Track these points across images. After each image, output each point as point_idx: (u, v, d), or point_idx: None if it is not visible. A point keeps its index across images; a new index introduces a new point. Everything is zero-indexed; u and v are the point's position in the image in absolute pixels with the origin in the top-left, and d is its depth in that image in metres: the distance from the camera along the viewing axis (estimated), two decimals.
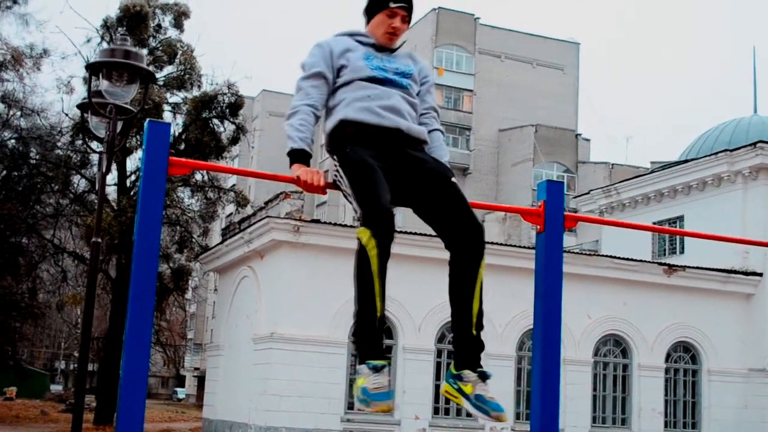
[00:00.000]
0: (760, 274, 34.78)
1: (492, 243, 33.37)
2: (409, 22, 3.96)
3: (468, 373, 3.82)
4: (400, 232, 26.38)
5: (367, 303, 3.67)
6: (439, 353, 30.66)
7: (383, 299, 3.72)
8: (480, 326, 4.03)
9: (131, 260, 3.36)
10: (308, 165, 3.80)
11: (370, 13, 3.94)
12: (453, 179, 3.96)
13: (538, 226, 3.70)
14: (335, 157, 3.90)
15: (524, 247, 31.93)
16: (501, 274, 30.17)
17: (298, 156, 3.74)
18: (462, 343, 3.96)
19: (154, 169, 3.27)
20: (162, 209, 3.38)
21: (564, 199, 3.72)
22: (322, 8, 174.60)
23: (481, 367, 3.85)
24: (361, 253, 3.67)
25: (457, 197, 3.87)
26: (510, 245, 33.49)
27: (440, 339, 30.63)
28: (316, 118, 3.87)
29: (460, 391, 3.88)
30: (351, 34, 3.96)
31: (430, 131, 4.09)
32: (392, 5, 3.82)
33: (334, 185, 3.86)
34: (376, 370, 3.61)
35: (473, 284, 3.92)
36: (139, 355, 3.26)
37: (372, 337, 3.70)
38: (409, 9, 3.92)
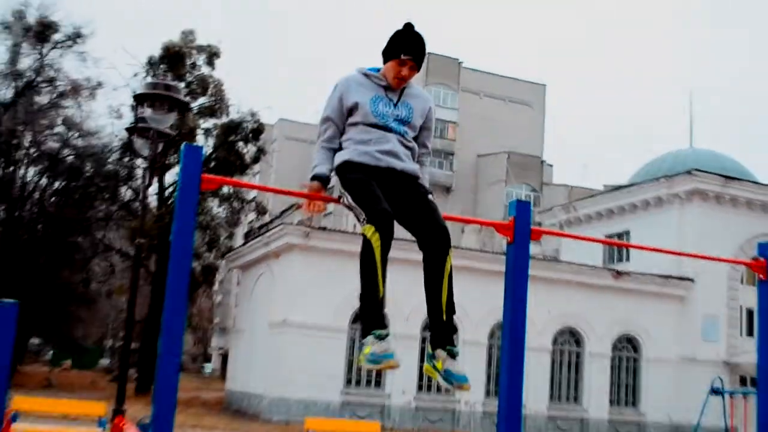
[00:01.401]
0: (692, 280, 35.04)
1: (470, 249, 33.51)
2: (418, 69, 3.86)
3: (440, 352, 3.86)
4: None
5: (372, 285, 3.71)
6: (423, 340, 30.64)
7: (384, 283, 3.75)
8: (450, 312, 3.95)
9: (169, 258, 3.36)
10: (324, 184, 3.87)
11: (385, 57, 3.85)
12: (429, 196, 4.00)
13: (509, 238, 3.70)
14: (339, 179, 3.93)
15: (496, 253, 31.96)
16: (476, 275, 30.25)
17: (316, 178, 3.86)
18: (435, 327, 3.94)
19: (188, 184, 3.27)
20: (195, 217, 3.38)
21: (531, 215, 3.73)
22: (334, 47, 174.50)
23: (453, 345, 3.89)
24: (367, 245, 3.69)
25: (428, 208, 3.91)
26: (485, 251, 33.60)
27: (425, 327, 30.63)
28: (333, 151, 3.91)
29: (434, 367, 3.93)
30: (367, 75, 3.88)
31: (421, 167, 4.08)
32: (403, 56, 3.75)
33: (339, 201, 3.87)
34: (381, 338, 3.65)
35: (442, 277, 3.87)
36: (175, 336, 3.26)
37: (376, 312, 3.74)
38: (418, 59, 3.82)
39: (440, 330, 3.92)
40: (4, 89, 40.00)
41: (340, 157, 3.90)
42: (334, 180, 4.02)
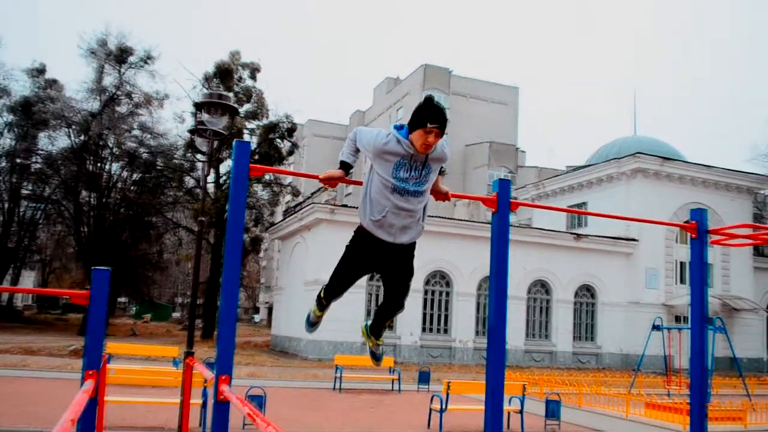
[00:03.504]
0: (637, 240, 34.98)
1: (461, 220, 33.41)
2: (442, 134, 3.50)
3: (374, 339, 4.28)
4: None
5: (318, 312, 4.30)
6: (425, 292, 30.72)
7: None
8: (387, 326, 4.27)
9: (225, 231, 3.37)
10: (346, 170, 3.69)
11: (411, 127, 3.47)
12: (409, 282, 3.85)
13: (493, 209, 3.69)
14: (355, 231, 3.85)
15: (482, 222, 31.88)
16: (466, 240, 30.29)
17: (342, 164, 3.68)
18: (377, 325, 4.19)
19: (240, 172, 3.28)
20: (245, 199, 3.38)
21: (510, 191, 3.72)
22: (347, 64, 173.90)
23: (380, 338, 4.31)
24: (318, 303, 4.20)
25: (404, 277, 3.82)
26: (473, 221, 33.48)
27: (426, 282, 30.68)
28: (357, 150, 3.68)
29: (369, 340, 4.35)
30: (400, 141, 3.50)
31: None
32: (429, 125, 3.41)
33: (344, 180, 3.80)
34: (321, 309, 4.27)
35: (392, 314, 4.04)
36: (231, 293, 3.28)
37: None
38: (442, 127, 3.45)
39: (379, 328, 4.23)
40: (92, 102, 40.16)
41: (362, 217, 3.71)
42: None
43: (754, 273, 37.96)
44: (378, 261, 3.75)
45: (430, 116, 3.41)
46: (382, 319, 4.14)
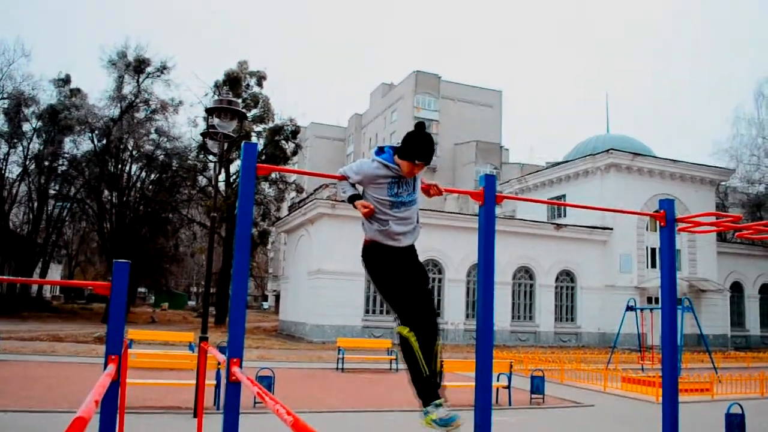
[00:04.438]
0: (611, 229, 34.98)
1: (451, 212, 33.44)
2: (427, 165, 3.45)
3: (430, 408, 3.33)
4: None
5: (415, 369, 3.37)
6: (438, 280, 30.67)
7: (428, 362, 3.37)
8: (439, 377, 3.45)
9: (235, 226, 3.35)
10: (359, 198, 3.54)
11: (401, 154, 3.42)
12: (428, 285, 3.67)
13: (480, 202, 3.67)
14: (365, 260, 3.62)
15: (470, 215, 31.86)
16: (456, 231, 30.27)
17: (354, 198, 3.53)
18: (430, 372, 3.41)
19: (248, 171, 3.25)
20: (253, 195, 3.36)
21: (495, 185, 3.70)
22: (346, 71, 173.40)
23: (438, 398, 3.35)
24: (404, 341, 3.38)
25: (426, 291, 3.58)
26: (462, 213, 33.50)
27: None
28: (354, 186, 3.55)
29: (431, 420, 3.29)
30: (387, 166, 3.44)
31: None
32: (416, 162, 3.38)
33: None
34: (438, 406, 3.29)
35: (433, 349, 3.41)
36: (241, 282, 3.26)
37: (427, 388, 3.36)
38: (428, 161, 3.42)
39: (430, 389, 3.39)
40: (113, 109, 40.12)
41: (368, 234, 3.58)
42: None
43: (718, 257, 38.04)
44: (396, 264, 3.57)
45: (418, 154, 3.39)
46: (428, 357, 3.39)
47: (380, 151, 3.55)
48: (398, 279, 3.53)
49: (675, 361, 4.35)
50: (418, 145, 3.41)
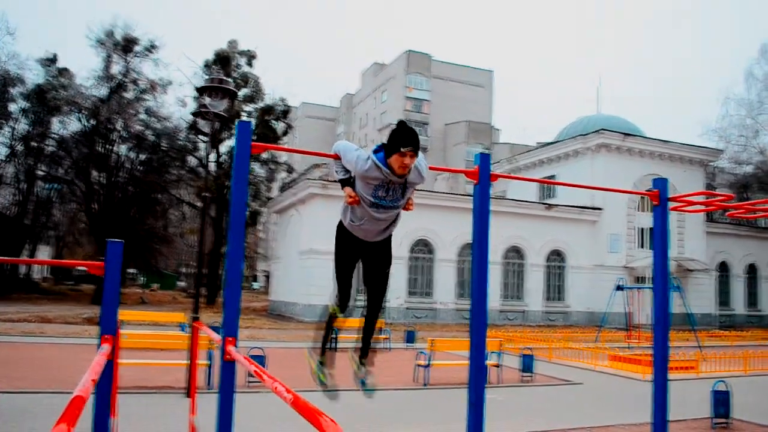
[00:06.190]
0: (601, 209, 35.16)
1: (441, 192, 33.44)
2: (417, 154, 3.37)
3: (357, 361, 4.18)
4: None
5: (324, 336, 4.22)
6: (410, 259, 30.80)
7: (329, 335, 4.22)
8: (369, 340, 4.23)
9: (226, 207, 3.32)
10: (349, 184, 3.58)
11: (388, 152, 3.37)
12: (388, 270, 3.97)
13: (475, 181, 3.67)
14: (338, 226, 3.85)
15: (462, 195, 31.91)
16: (446, 211, 30.35)
17: (345, 183, 3.60)
18: (364, 342, 4.27)
19: (242, 149, 3.23)
20: (248, 173, 3.34)
21: (490, 164, 3.70)
22: (338, 51, 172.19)
23: (365, 360, 4.14)
24: (326, 314, 4.12)
25: (382, 279, 4.01)
26: (452, 193, 33.54)
27: (411, 250, 30.75)
28: (347, 171, 3.58)
29: (357, 369, 4.18)
30: (379, 167, 3.40)
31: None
32: (403, 149, 3.31)
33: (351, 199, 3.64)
34: (321, 363, 4.30)
35: (373, 323, 4.08)
36: (236, 262, 3.26)
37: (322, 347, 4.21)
38: (416, 147, 3.33)
39: (366, 345, 4.16)
40: (101, 88, 39.74)
41: (343, 217, 3.78)
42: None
43: (706, 237, 38.34)
44: (359, 249, 3.84)
45: (402, 140, 3.33)
46: (367, 331, 4.07)
47: (379, 149, 3.49)
48: (350, 260, 3.90)
49: (666, 339, 4.40)
50: (401, 133, 3.36)
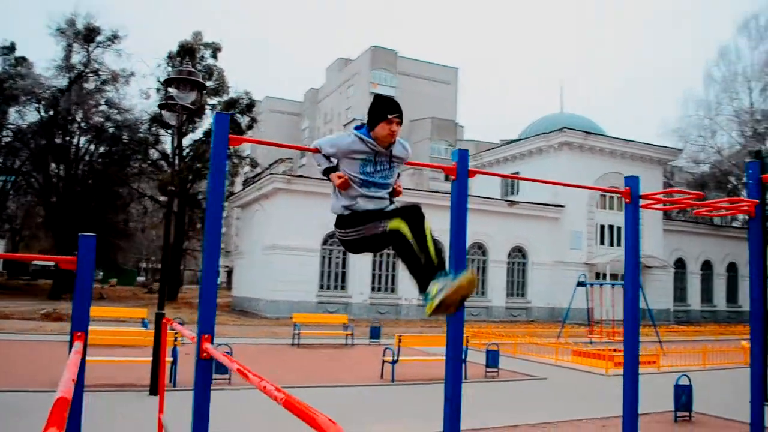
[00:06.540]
0: (563, 206, 35.56)
1: (410, 189, 33.43)
2: (402, 122, 3.38)
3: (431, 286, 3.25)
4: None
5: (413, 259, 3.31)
6: (374, 255, 30.79)
7: (423, 250, 3.29)
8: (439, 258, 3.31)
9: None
10: (335, 170, 3.40)
11: (373, 122, 3.36)
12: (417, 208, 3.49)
13: (453, 177, 3.69)
14: (337, 217, 3.47)
15: (428, 191, 31.96)
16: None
17: (329, 171, 3.41)
18: (424, 274, 3.34)
19: (220, 142, 3.17)
20: (226, 165, 3.28)
21: (468, 161, 3.71)
22: (303, 43, 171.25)
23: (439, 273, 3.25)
24: (396, 235, 3.27)
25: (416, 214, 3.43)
26: (419, 190, 33.58)
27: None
28: (328, 157, 3.40)
29: (435, 295, 3.22)
30: (363, 140, 3.35)
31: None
32: (389, 116, 3.32)
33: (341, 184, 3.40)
34: (436, 280, 3.22)
35: (424, 230, 3.26)
36: (212, 258, 3.20)
37: (425, 276, 3.27)
38: (400, 115, 3.38)
39: (428, 274, 3.29)
40: (61, 79, 38.85)
41: (338, 205, 3.46)
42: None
43: (664, 234, 39.14)
44: (375, 217, 3.40)
45: (388, 108, 3.36)
46: (421, 241, 3.33)
47: (360, 126, 3.47)
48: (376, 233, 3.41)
49: (636, 334, 4.46)
50: (385, 101, 3.39)
